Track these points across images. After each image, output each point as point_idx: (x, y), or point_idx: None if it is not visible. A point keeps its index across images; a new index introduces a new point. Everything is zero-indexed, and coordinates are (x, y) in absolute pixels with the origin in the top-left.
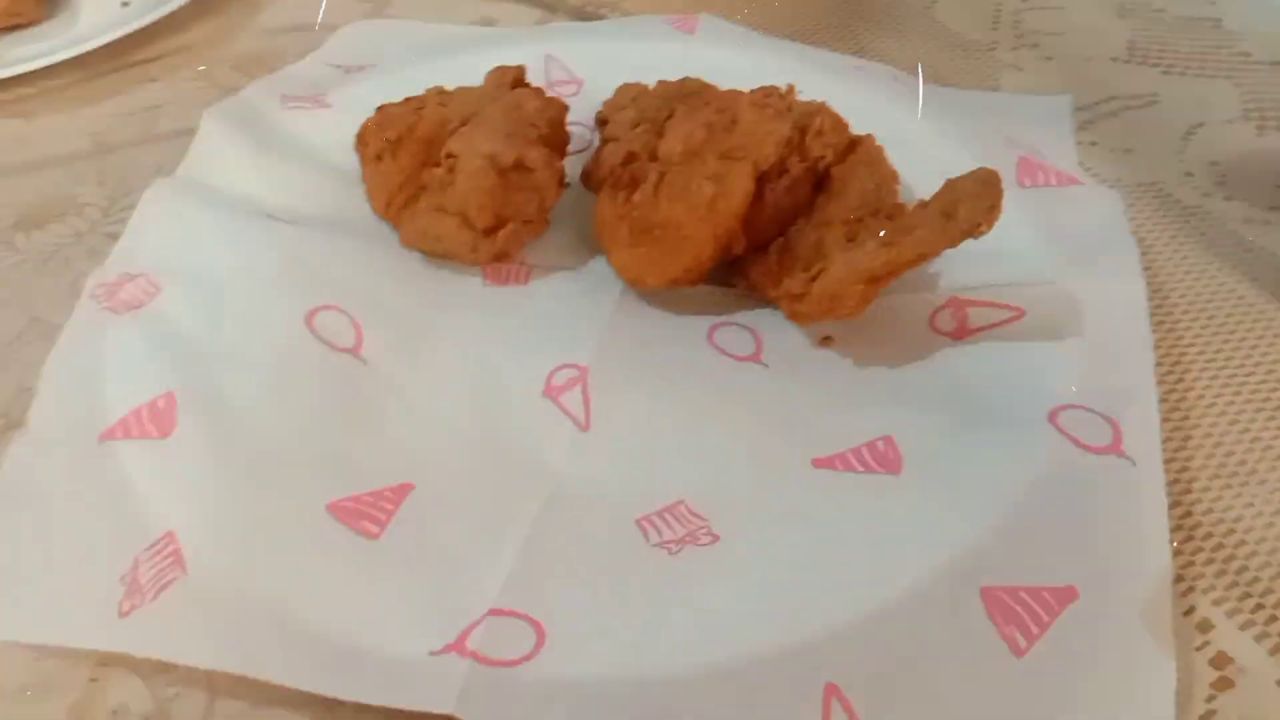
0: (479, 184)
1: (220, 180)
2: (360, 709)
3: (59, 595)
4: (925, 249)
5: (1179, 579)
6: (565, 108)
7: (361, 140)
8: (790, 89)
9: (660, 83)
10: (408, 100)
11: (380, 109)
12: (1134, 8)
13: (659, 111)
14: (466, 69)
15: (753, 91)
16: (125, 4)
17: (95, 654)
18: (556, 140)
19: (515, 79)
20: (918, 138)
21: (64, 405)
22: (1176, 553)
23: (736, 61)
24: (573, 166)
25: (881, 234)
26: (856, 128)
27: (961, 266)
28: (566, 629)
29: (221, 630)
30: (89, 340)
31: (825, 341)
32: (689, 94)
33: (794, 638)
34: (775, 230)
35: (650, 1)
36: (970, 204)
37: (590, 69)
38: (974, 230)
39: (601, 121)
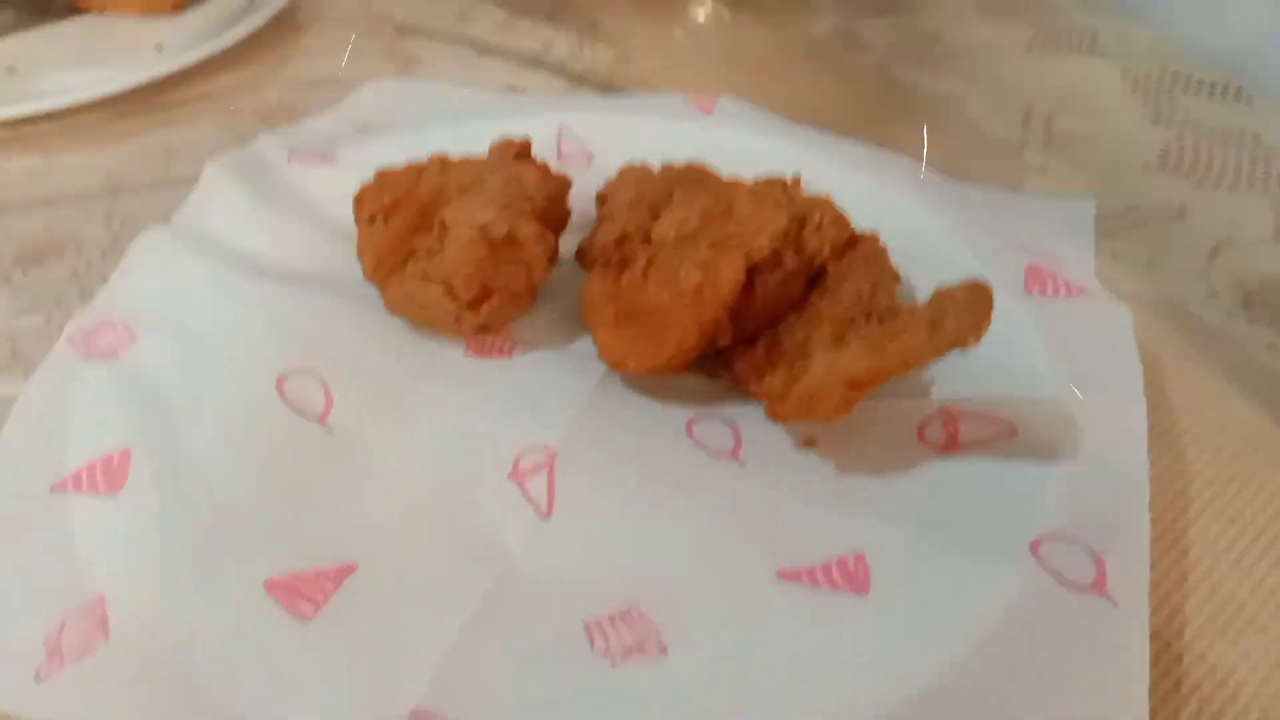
0: (468, 254)
1: (215, 230)
2: None
3: None
4: (910, 358)
5: None
6: (568, 183)
7: (358, 202)
8: (795, 181)
9: (664, 166)
10: (409, 166)
11: (379, 173)
12: (1170, 115)
13: (658, 194)
14: (480, 135)
15: (755, 181)
16: (160, 48)
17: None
18: (554, 215)
19: (519, 151)
20: (928, 236)
21: (23, 450)
22: (1162, 703)
23: (751, 145)
24: (573, 242)
25: (867, 338)
26: (867, 221)
27: (956, 375)
28: None
29: (136, 705)
30: (58, 385)
31: (808, 443)
32: (690, 179)
33: None
34: (764, 323)
35: (684, 78)
36: (958, 316)
37: (603, 143)
38: (960, 343)
39: (601, 200)
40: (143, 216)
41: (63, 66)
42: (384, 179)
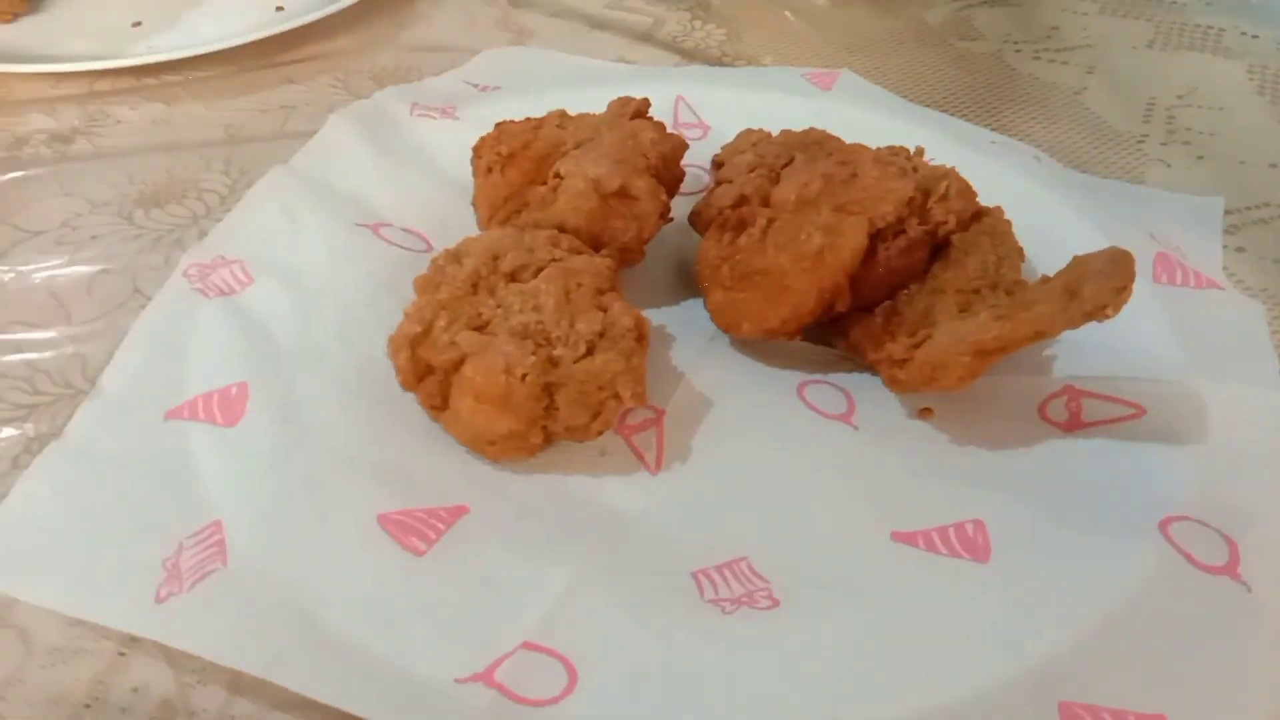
0: (579, 205)
1: (335, 176)
2: None
3: (100, 569)
4: (1043, 327)
5: None
6: (683, 144)
7: (477, 153)
8: (919, 150)
9: (784, 131)
10: (528, 120)
11: (499, 125)
12: None
13: (777, 158)
14: (598, 100)
15: (878, 148)
16: (280, 8)
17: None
18: (668, 175)
19: (637, 110)
20: (1052, 218)
21: (137, 377)
22: None
23: (871, 122)
24: (684, 207)
25: (996, 307)
26: (988, 201)
27: (1081, 353)
28: (600, 675)
29: (251, 629)
30: (174, 317)
31: (924, 413)
32: (811, 143)
33: None
34: (884, 292)
35: (794, 59)
36: (1097, 283)
37: (718, 115)
38: (1098, 312)
39: (717, 164)
40: (260, 167)
41: (187, 22)
42: (503, 130)
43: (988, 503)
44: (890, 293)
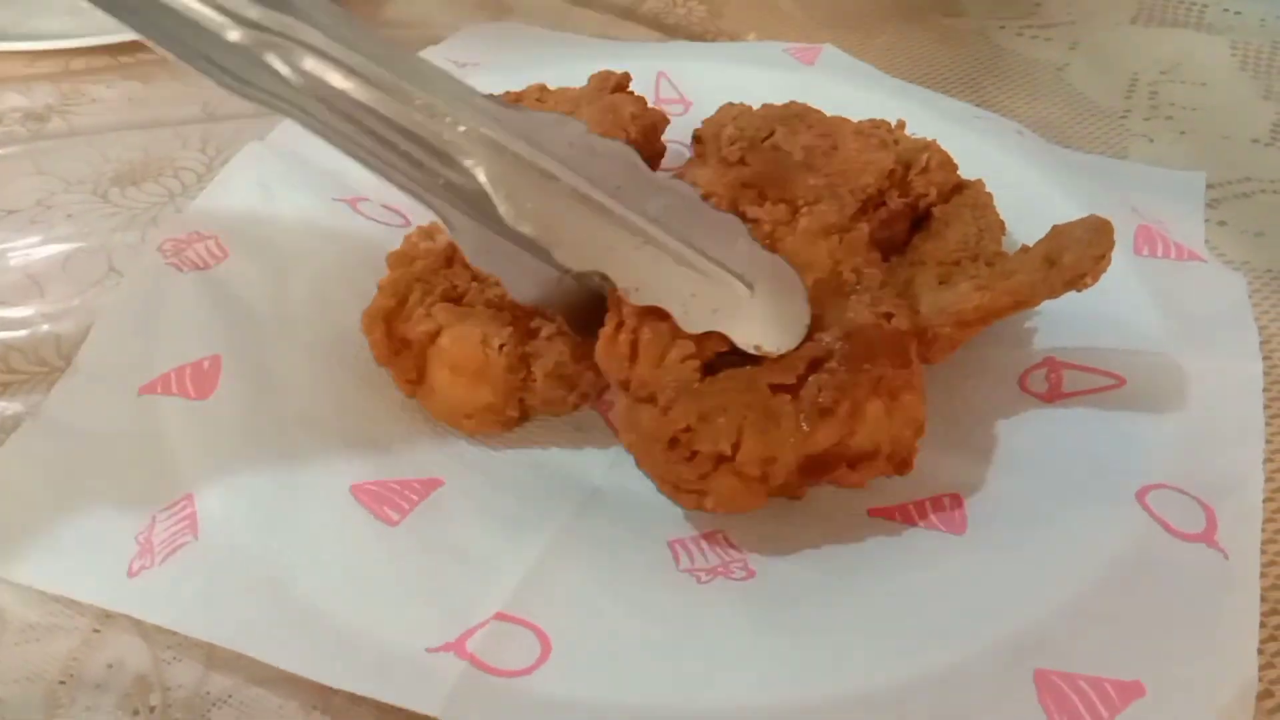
0: None
1: (311, 151)
2: (354, 698)
3: (75, 545)
4: (1023, 296)
5: (1267, 694)
6: (664, 119)
7: None
8: (900, 123)
9: (765, 105)
10: (507, 93)
11: None
12: None
13: (758, 131)
14: (579, 75)
15: (859, 121)
16: None
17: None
18: (649, 150)
19: (618, 84)
20: (1033, 192)
21: (112, 352)
22: (1267, 665)
23: (853, 97)
24: None
25: (976, 277)
26: (968, 173)
27: (1061, 325)
28: (574, 646)
29: (222, 601)
30: (148, 292)
31: None
32: (792, 116)
33: (815, 694)
34: None
35: (777, 35)
36: (1077, 251)
37: (700, 90)
38: (1078, 281)
39: (697, 138)
40: (237, 144)
41: None
42: None
43: (965, 474)
44: None
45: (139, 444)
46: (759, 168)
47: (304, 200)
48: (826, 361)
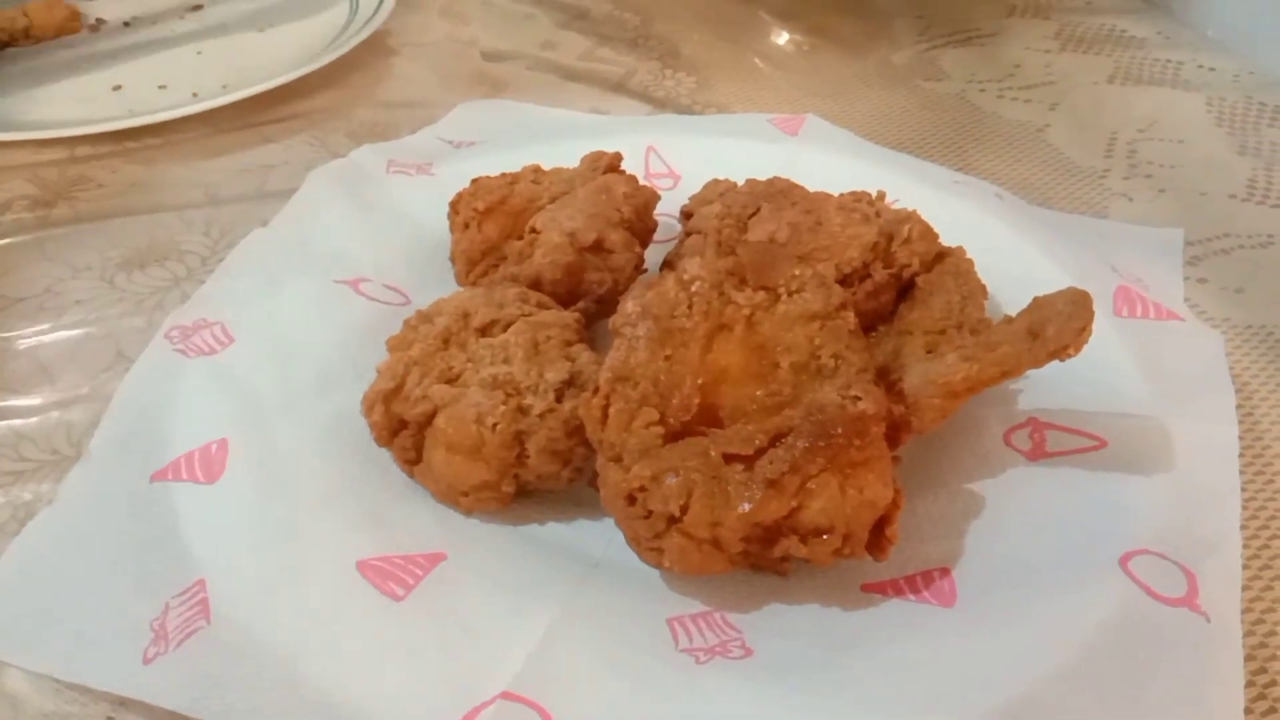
0: (556, 259)
1: (314, 235)
2: None
3: (91, 633)
4: (1009, 367)
5: None
6: (655, 196)
7: (454, 207)
8: (880, 195)
9: (749, 180)
10: (503, 175)
11: (475, 180)
12: (1258, 146)
13: (745, 208)
14: (572, 152)
15: (841, 195)
16: (117, 87)
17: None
18: (641, 227)
19: (610, 164)
20: (1014, 255)
21: (123, 440)
22: None
23: (836, 165)
24: (657, 254)
25: (963, 348)
26: (951, 240)
27: (1044, 388)
28: None
29: (235, 685)
30: (156, 380)
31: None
32: (776, 193)
33: None
34: None
35: (763, 104)
36: (1059, 324)
37: (688, 164)
38: (1061, 352)
39: (686, 214)
40: (240, 227)
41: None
42: (479, 185)
43: (954, 546)
44: None
45: (151, 531)
46: (746, 258)
47: (306, 284)
48: (786, 437)
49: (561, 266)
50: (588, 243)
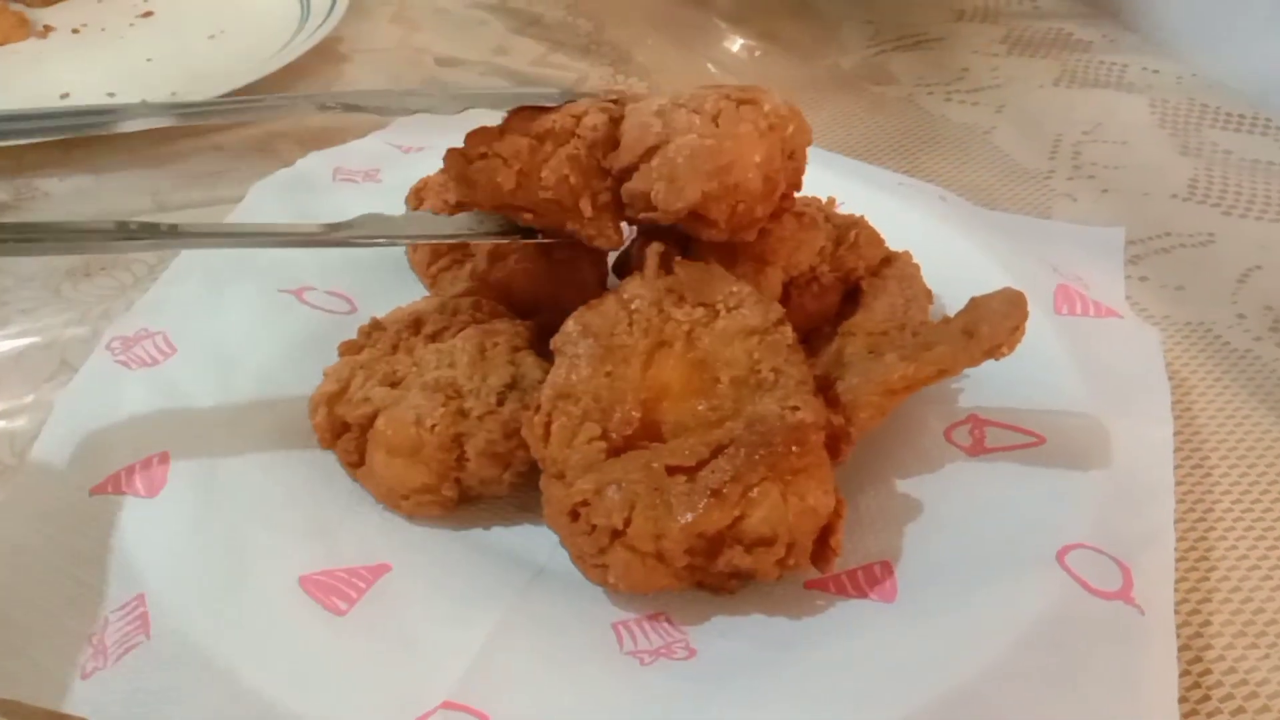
0: (528, 266)
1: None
2: None
3: (29, 649)
4: (945, 366)
5: None
6: None
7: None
8: (831, 200)
9: None
10: None
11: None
12: (1199, 147)
13: None
14: None
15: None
16: (65, 95)
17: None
18: None
19: None
20: (958, 257)
21: (62, 453)
22: (1190, 714)
23: None
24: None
25: (902, 348)
26: (897, 243)
27: (985, 385)
28: None
29: (175, 700)
30: (97, 391)
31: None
32: None
33: None
34: (799, 334)
35: None
36: (993, 324)
37: None
38: (995, 351)
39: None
40: None
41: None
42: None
43: (895, 542)
44: (804, 335)
45: (91, 545)
46: (684, 276)
47: (250, 293)
48: (728, 448)
49: (531, 274)
50: None
